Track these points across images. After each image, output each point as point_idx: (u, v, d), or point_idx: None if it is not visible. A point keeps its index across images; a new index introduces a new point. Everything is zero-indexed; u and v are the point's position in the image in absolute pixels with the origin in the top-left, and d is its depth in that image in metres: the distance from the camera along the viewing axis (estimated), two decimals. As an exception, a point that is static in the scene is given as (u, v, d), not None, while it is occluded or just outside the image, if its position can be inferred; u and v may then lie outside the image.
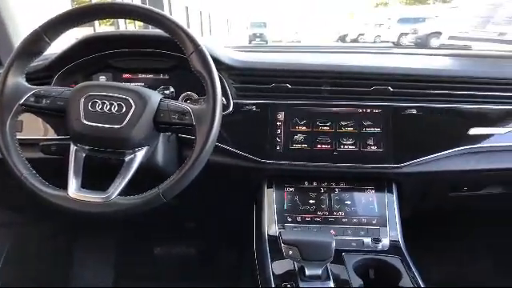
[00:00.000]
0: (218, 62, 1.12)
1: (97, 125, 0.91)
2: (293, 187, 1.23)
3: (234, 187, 1.37)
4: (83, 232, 1.89)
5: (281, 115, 1.21)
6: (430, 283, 1.01)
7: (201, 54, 0.92)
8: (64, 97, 0.95)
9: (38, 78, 1.18)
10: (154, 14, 0.94)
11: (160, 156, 1.09)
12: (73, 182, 0.92)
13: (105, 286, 1.83)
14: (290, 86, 1.21)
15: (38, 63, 1.18)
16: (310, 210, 1.20)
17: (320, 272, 0.95)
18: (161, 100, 0.96)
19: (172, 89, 1.23)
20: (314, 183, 1.24)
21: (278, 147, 1.20)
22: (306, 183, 1.24)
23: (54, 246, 1.84)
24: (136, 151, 0.95)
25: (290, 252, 0.93)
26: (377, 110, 1.21)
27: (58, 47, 1.12)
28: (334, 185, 1.23)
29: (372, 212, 1.19)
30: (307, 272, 0.95)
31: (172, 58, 1.23)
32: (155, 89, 1.15)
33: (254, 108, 1.20)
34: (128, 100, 0.93)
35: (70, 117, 0.93)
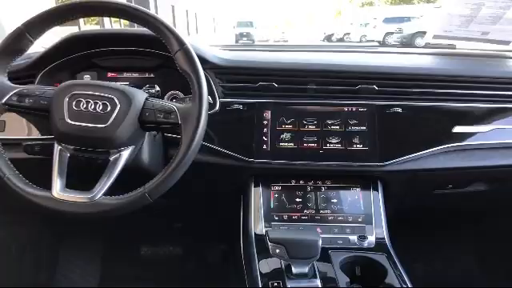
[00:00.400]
0: (203, 60, 1.11)
1: (81, 124, 0.90)
2: (279, 186, 1.23)
3: (221, 186, 1.37)
4: (69, 232, 1.87)
5: (267, 114, 1.21)
6: (415, 280, 1.02)
7: (186, 53, 0.92)
8: (48, 96, 0.94)
9: (21, 76, 1.16)
10: (138, 12, 0.93)
11: (145, 155, 1.09)
12: (57, 183, 0.91)
13: (91, 286, 1.81)
14: (276, 85, 1.21)
15: (20, 62, 1.16)
16: (297, 208, 1.20)
17: (307, 270, 0.95)
18: (146, 99, 0.95)
19: (157, 88, 1.22)
20: (301, 182, 1.24)
21: (264, 146, 1.20)
22: (293, 182, 1.24)
23: (40, 247, 1.82)
24: (121, 151, 0.94)
25: (277, 250, 0.93)
26: (362, 109, 1.21)
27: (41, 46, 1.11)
28: (321, 183, 1.24)
29: (358, 210, 1.20)
30: (294, 270, 0.95)
31: (157, 57, 1.22)
32: (141, 88, 1.14)
33: (241, 107, 1.20)
34: (113, 99, 0.92)
35: (54, 116, 0.92)
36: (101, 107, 0.91)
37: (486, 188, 1.37)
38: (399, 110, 1.21)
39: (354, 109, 1.22)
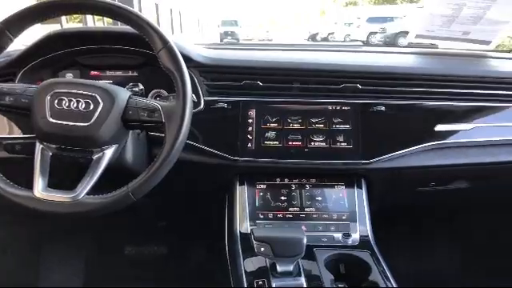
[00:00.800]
0: (187, 59, 1.11)
1: (63, 123, 0.89)
2: (264, 184, 1.23)
3: (206, 185, 1.37)
4: (52, 232, 1.85)
5: (252, 112, 1.21)
6: (399, 277, 1.03)
7: (170, 51, 0.92)
8: (29, 94, 0.92)
9: (1, 74, 1.14)
10: (121, 10, 0.92)
11: (129, 154, 1.08)
12: (39, 182, 0.90)
13: (75, 286, 1.79)
14: (261, 84, 1.21)
15: (0, 60, 1.14)
16: (282, 206, 1.20)
17: (291, 268, 0.96)
18: (129, 97, 0.94)
19: (141, 86, 1.21)
20: (286, 180, 1.24)
21: (249, 144, 1.20)
22: (278, 180, 1.24)
23: (22, 247, 1.79)
24: (104, 149, 0.94)
25: (262, 249, 0.93)
26: (346, 107, 1.22)
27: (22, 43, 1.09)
28: (305, 181, 1.24)
29: (342, 207, 1.21)
30: (279, 268, 0.95)
31: (141, 55, 1.21)
32: (124, 86, 1.14)
33: (225, 105, 1.20)
34: (95, 97, 0.91)
35: (36, 115, 0.91)
36: (83, 106, 0.90)
37: (468, 185, 1.39)
38: (382, 108, 1.22)
39: (337, 107, 1.22)
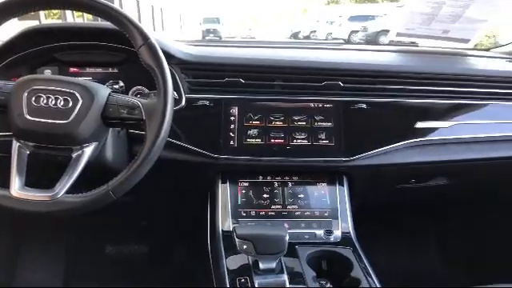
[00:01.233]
0: (169, 55, 1.10)
1: (41, 120, 0.87)
2: (247, 182, 1.23)
3: (188, 183, 1.36)
4: (30, 232, 1.81)
5: (234, 110, 1.21)
6: (380, 273, 1.04)
7: (151, 48, 0.90)
8: (5, 91, 0.90)
9: None
10: (101, 5, 0.90)
11: (109, 152, 1.06)
12: (16, 181, 0.88)
13: (54, 286, 1.76)
14: (243, 81, 1.21)
15: None
16: (264, 204, 1.20)
17: (274, 265, 0.95)
18: (109, 94, 0.93)
19: (121, 83, 1.19)
20: (268, 177, 1.24)
21: (231, 142, 1.20)
22: (260, 178, 1.24)
23: (0, 248, 1.75)
24: (84, 147, 0.92)
25: (245, 247, 0.93)
26: (328, 105, 1.23)
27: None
28: (288, 179, 1.24)
29: (324, 205, 1.21)
30: (261, 266, 0.95)
31: (121, 52, 1.19)
32: (104, 83, 1.12)
33: (207, 103, 1.19)
34: (74, 94, 0.89)
35: (12, 112, 0.89)
36: (62, 103, 0.88)
37: (447, 182, 1.41)
38: (364, 106, 1.22)
39: (320, 105, 1.22)
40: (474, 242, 1.88)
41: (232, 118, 1.20)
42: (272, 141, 1.21)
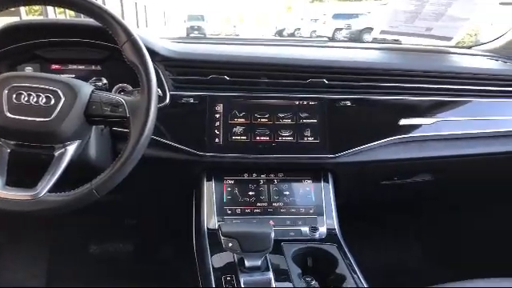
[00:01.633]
0: (153, 52, 1.09)
1: (22, 118, 0.86)
2: (232, 179, 1.23)
3: (172, 181, 1.35)
4: (12, 231, 1.78)
5: (219, 107, 1.20)
6: (365, 269, 1.05)
7: (134, 44, 0.89)
8: None
9: None
10: (83, 1, 0.89)
11: (93, 150, 1.05)
12: None
13: (37, 286, 1.74)
14: (228, 78, 1.20)
15: None
16: (250, 201, 1.20)
17: (259, 263, 0.95)
18: (92, 91, 0.91)
19: (105, 80, 1.18)
20: (254, 175, 1.24)
21: (216, 140, 1.19)
22: (246, 175, 1.24)
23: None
24: (66, 145, 0.90)
25: (230, 244, 0.92)
26: (313, 102, 1.23)
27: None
28: (273, 176, 1.24)
29: (309, 201, 1.22)
30: (247, 263, 0.95)
31: (104, 49, 1.18)
32: (87, 80, 1.10)
33: (192, 100, 1.18)
34: (57, 92, 0.88)
35: None
36: (44, 100, 0.87)
37: (431, 178, 1.43)
38: (348, 103, 1.23)
39: (304, 102, 1.23)
40: (457, 238, 1.91)
41: (217, 116, 1.20)
42: (257, 138, 1.20)
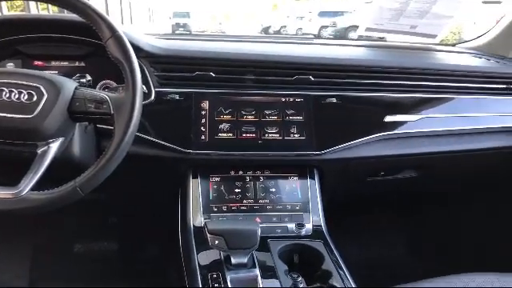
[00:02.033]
0: (137, 48, 1.07)
1: (3, 115, 0.84)
2: (218, 177, 1.22)
3: (158, 179, 1.34)
4: None
5: (205, 104, 1.19)
6: (351, 265, 1.06)
7: (118, 40, 0.88)
8: None
9: None
10: None
11: (76, 148, 1.03)
12: None
13: (21, 286, 1.71)
14: (213, 75, 1.20)
15: None
16: (236, 198, 1.20)
17: (246, 260, 0.96)
18: (76, 88, 0.90)
19: (89, 77, 1.16)
20: (240, 172, 1.24)
21: (202, 137, 1.18)
22: (232, 172, 1.23)
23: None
24: (50, 143, 0.89)
25: (216, 242, 0.92)
26: (299, 99, 1.23)
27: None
28: (260, 173, 1.24)
29: (296, 198, 1.22)
30: (233, 261, 0.95)
31: (88, 45, 1.16)
32: (70, 77, 1.09)
33: (177, 97, 1.17)
34: (39, 88, 0.86)
35: None
36: (26, 97, 0.85)
37: (416, 174, 1.44)
38: (334, 100, 1.23)
39: (291, 99, 1.23)
40: (442, 233, 1.93)
41: (203, 113, 1.19)
42: (243, 135, 1.20)
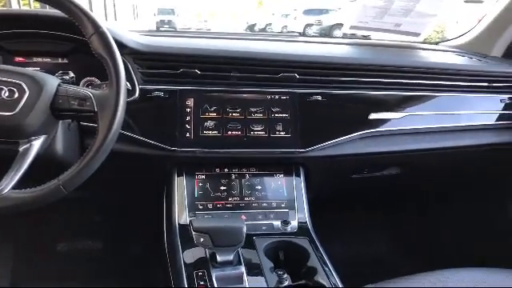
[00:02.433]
0: (121, 45, 1.06)
1: None
2: (204, 174, 1.21)
3: (142, 177, 1.33)
4: None
5: (190, 102, 1.19)
6: (336, 261, 1.07)
7: (102, 36, 0.87)
8: None
9: None
10: None
11: (60, 146, 1.02)
12: None
13: (2, 286, 1.68)
14: (198, 72, 1.19)
15: None
16: (222, 196, 1.19)
17: (231, 257, 0.96)
18: (59, 85, 0.89)
19: (72, 74, 1.14)
20: (225, 170, 1.23)
21: (187, 134, 1.18)
22: (217, 170, 1.23)
23: None
24: (32, 140, 0.87)
25: (201, 239, 0.92)
26: (284, 97, 1.23)
27: None
28: (245, 171, 1.24)
29: (281, 196, 1.22)
30: (219, 258, 0.95)
31: (71, 41, 1.14)
32: (53, 74, 1.07)
33: (162, 94, 1.17)
34: (21, 85, 0.85)
35: None
36: (7, 94, 0.84)
37: (399, 172, 1.46)
38: (319, 98, 1.24)
39: (276, 97, 1.23)
40: (425, 230, 1.96)
41: (188, 110, 1.18)
42: (229, 133, 1.20)
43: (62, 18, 0.91)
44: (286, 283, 0.96)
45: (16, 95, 0.84)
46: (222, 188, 1.20)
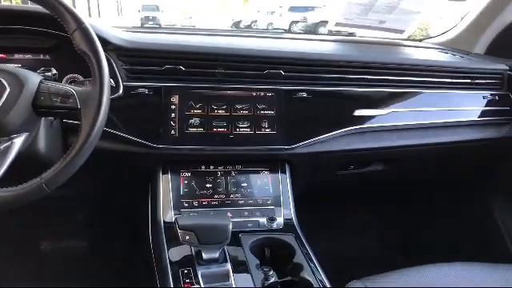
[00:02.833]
0: (104, 41, 1.05)
1: None
2: (189, 172, 1.21)
3: (127, 175, 1.32)
4: None
5: (174, 98, 1.18)
6: (322, 258, 1.07)
7: (85, 32, 0.86)
8: None
9: None
10: None
11: (42, 143, 1.00)
12: None
13: None
14: (183, 69, 1.18)
15: None
16: (207, 194, 1.19)
17: (217, 255, 0.95)
18: (41, 81, 0.87)
19: (54, 70, 1.12)
20: (211, 167, 1.23)
21: (172, 131, 1.17)
22: (203, 167, 1.22)
23: None
24: (13, 138, 0.86)
25: (187, 237, 0.92)
26: (270, 94, 1.23)
27: None
28: (231, 168, 1.24)
29: (267, 193, 1.22)
30: (204, 256, 0.95)
31: (53, 37, 1.12)
32: (35, 71, 1.05)
33: (146, 91, 1.15)
34: (1, 81, 0.83)
35: None
36: None
37: (384, 167, 1.47)
38: (304, 94, 1.24)
39: (262, 93, 1.22)
40: (411, 226, 1.98)
41: (172, 107, 1.17)
42: (214, 130, 1.19)
43: (44, 14, 0.90)
44: (272, 280, 0.96)
45: None
46: (208, 185, 1.20)
